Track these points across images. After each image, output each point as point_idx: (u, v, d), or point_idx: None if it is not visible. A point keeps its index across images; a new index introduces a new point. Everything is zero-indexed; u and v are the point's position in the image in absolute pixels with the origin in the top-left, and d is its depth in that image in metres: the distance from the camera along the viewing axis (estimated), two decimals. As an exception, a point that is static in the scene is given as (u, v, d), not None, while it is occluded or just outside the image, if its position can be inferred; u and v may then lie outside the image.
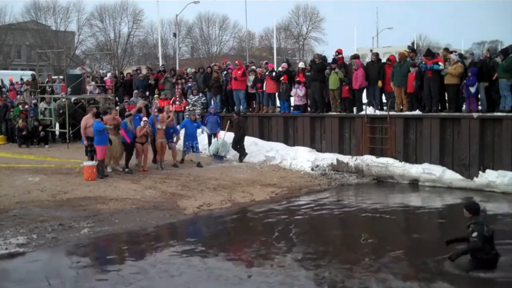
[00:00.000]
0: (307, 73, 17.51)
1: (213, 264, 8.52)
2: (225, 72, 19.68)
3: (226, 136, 17.48)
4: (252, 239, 9.79)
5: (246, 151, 17.15)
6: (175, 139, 16.33)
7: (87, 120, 14.43)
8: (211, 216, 11.49)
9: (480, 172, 13.77)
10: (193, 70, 21.64)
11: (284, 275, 7.97)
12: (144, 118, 15.18)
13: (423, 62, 15.13)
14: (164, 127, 15.54)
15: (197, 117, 19.29)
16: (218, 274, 8.02)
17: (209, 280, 7.82)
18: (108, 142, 14.21)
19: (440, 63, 14.74)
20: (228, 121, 17.91)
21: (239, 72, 18.68)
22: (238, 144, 17.10)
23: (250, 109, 19.35)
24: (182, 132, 16.63)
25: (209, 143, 17.88)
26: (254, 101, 19.33)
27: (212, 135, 17.78)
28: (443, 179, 14.15)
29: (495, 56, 14.34)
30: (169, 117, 16.25)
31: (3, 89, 25.75)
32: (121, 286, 7.61)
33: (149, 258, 8.77)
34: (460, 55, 15.69)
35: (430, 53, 15.59)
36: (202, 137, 18.26)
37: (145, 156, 15.09)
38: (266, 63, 20.27)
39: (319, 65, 17.21)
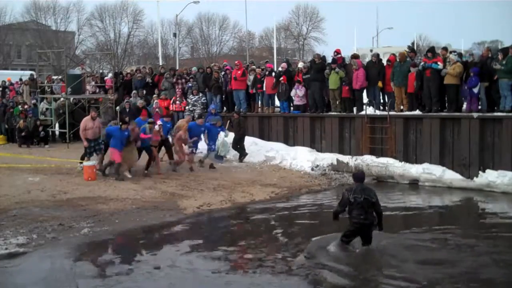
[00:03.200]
0: (304, 76, 17.47)
1: (201, 265, 8.40)
2: (223, 73, 19.65)
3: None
4: (246, 239, 9.71)
5: (246, 151, 17.14)
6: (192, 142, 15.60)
7: (87, 122, 14.41)
8: (211, 216, 11.48)
9: (480, 172, 13.78)
10: (197, 69, 21.57)
11: (272, 275, 7.88)
12: (159, 122, 15.13)
13: (422, 62, 15.13)
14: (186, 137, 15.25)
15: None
16: (204, 275, 7.92)
17: (194, 282, 7.73)
18: (122, 148, 14.06)
19: (439, 62, 14.74)
20: (228, 121, 17.90)
21: (239, 72, 18.68)
22: (238, 144, 17.09)
23: (251, 109, 19.35)
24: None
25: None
26: (254, 102, 19.33)
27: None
28: (443, 179, 14.16)
29: (496, 56, 14.32)
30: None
31: (6, 90, 25.71)
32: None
33: (137, 259, 8.69)
34: (460, 55, 15.69)
35: (432, 51, 15.56)
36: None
37: (158, 159, 15.12)
38: (266, 62, 20.24)
39: (319, 65, 17.22)
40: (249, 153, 17.16)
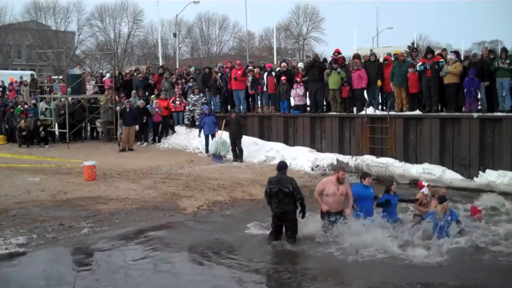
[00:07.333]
0: (303, 78, 17.47)
1: (187, 268, 8.29)
2: (219, 74, 19.57)
3: (223, 135, 17.42)
4: (242, 240, 9.64)
5: (246, 151, 17.01)
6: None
7: (327, 184, 9.56)
8: (211, 216, 11.45)
9: (480, 172, 13.78)
10: (194, 70, 21.61)
11: (260, 281, 7.80)
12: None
13: (422, 63, 15.12)
14: None
15: (197, 117, 19.31)
16: (187, 280, 7.83)
17: (181, 284, 7.68)
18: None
19: (441, 60, 14.78)
20: (224, 120, 17.86)
21: (239, 72, 18.67)
22: (235, 144, 16.97)
23: (251, 109, 19.34)
24: None
25: (207, 143, 17.86)
26: (254, 102, 19.32)
27: (210, 135, 17.77)
28: (443, 179, 14.13)
29: (496, 56, 14.34)
30: None
31: (6, 90, 25.73)
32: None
33: (136, 259, 8.67)
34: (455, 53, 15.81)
35: (430, 51, 15.57)
36: (202, 138, 18.21)
37: None
38: (263, 63, 20.27)
39: (320, 65, 17.21)
40: (249, 153, 17.11)
